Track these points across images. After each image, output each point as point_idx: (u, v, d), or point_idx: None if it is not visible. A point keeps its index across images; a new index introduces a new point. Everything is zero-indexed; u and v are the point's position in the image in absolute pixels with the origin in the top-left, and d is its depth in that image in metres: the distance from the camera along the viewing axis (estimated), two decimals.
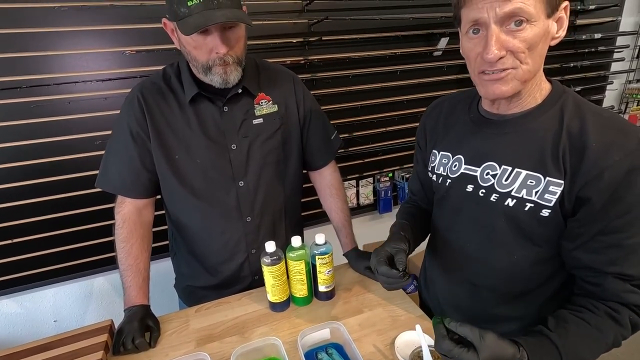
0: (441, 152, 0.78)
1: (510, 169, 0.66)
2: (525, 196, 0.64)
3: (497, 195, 0.67)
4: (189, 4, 0.74)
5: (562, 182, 0.60)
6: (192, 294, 1.05)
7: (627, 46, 2.02)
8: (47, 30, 1.18)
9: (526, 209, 0.64)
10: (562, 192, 0.60)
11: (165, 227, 1.06)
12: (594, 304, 0.61)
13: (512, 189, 0.65)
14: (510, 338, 0.56)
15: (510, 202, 0.65)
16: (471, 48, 0.61)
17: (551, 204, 0.61)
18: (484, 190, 0.69)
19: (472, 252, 0.74)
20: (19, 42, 1.17)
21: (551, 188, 0.61)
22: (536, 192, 0.63)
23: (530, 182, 0.63)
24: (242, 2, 0.81)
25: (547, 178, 0.61)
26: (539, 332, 0.60)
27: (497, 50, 0.56)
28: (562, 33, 0.60)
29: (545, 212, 0.62)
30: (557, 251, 0.66)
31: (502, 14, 0.55)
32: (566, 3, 0.59)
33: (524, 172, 0.64)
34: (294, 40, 1.44)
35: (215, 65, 0.81)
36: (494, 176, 0.68)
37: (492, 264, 0.72)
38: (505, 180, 0.66)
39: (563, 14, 0.59)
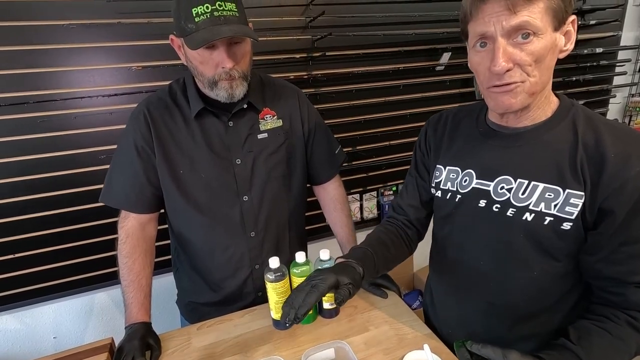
0: (448, 167, 0.77)
1: (526, 182, 0.65)
2: (544, 210, 0.62)
3: (514, 210, 0.66)
4: (196, 20, 0.75)
5: (582, 193, 0.59)
6: (194, 310, 1.03)
7: (628, 60, 2.04)
8: (55, 47, 1.21)
9: (545, 222, 0.63)
10: (584, 204, 0.59)
11: (168, 241, 1.05)
12: (614, 313, 0.60)
13: (530, 203, 0.64)
14: (533, 354, 0.55)
15: (528, 216, 0.64)
16: (479, 62, 0.62)
17: (573, 217, 0.60)
18: (498, 205, 0.68)
19: (487, 270, 0.72)
20: (28, 58, 1.19)
21: (572, 200, 0.60)
22: (555, 205, 0.62)
23: (549, 195, 0.62)
24: (247, 19, 0.83)
25: (567, 190, 0.61)
26: (562, 346, 0.58)
27: (504, 62, 0.57)
28: (570, 46, 0.61)
29: (566, 225, 0.61)
30: (576, 264, 0.65)
31: (508, 27, 0.56)
32: (573, 17, 0.59)
33: (541, 185, 0.63)
34: (298, 56, 1.46)
35: (221, 79, 0.82)
36: (509, 190, 0.66)
37: (509, 281, 0.70)
38: (522, 194, 0.65)
39: (570, 27, 0.60)
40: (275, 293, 0.84)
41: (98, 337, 1.50)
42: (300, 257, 0.85)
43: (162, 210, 0.97)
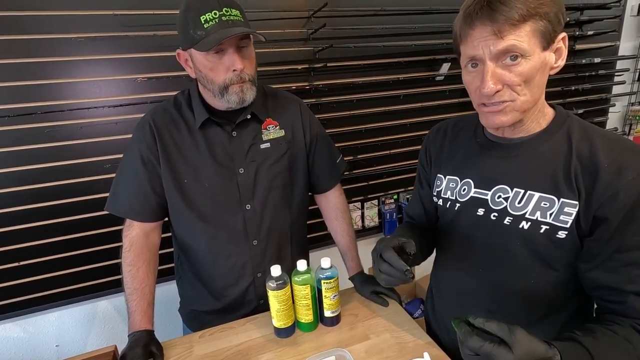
0: (447, 176, 0.79)
1: (522, 191, 0.66)
2: (540, 218, 0.64)
3: (511, 219, 0.67)
4: (205, 27, 0.78)
5: (576, 202, 0.61)
6: (196, 318, 1.04)
7: (627, 69, 2.05)
8: (63, 60, 1.23)
9: (542, 231, 0.64)
10: (578, 212, 0.61)
11: (171, 249, 1.06)
12: (619, 318, 0.61)
13: (526, 212, 0.65)
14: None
15: (525, 224, 0.65)
16: (470, 81, 0.64)
17: (567, 225, 0.62)
18: (495, 214, 0.69)
19: (486, 278, 0.73)
20: (36, 70, 1.22)
21: (566, 209, 0.62)
22: (551, 214, 0.63)
23: (544, 204, 0.64)
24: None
25: (562, 199, 0.62)
26: (569, 338, 0.58)
27: (492, 84, 0.59)
28: (562, 63, 0.62)
29: (561, 234, 0.62)
30: (574, 273, 0.66)
31: (495, 51, 0.58)
32: (564, 34, 0.61)
33: (537, 195, 0.64)
34: (300, 67, 1.49)
35: (232, 84, 0.84)
36: (506, 199, 0.68)
37: (508, 289, 0.71)
38: (518, 203, 0.66)
39: (561, 44, 0.61)
40: (277, 301, 0.84)
41: (101, 345, 1.50)
42: (301, 265, 0.86)
43: (166, 219, 0.99)
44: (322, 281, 0.86)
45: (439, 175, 0.81)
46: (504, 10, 0.55)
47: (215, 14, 0.78)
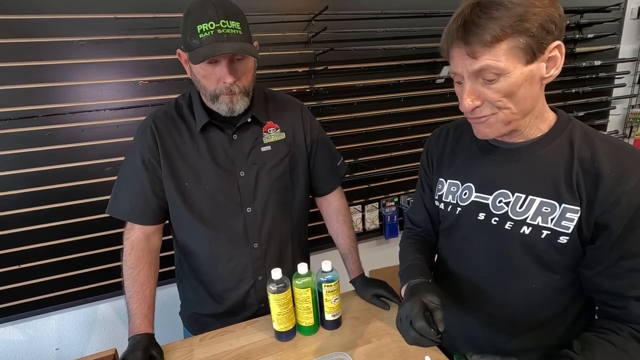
0: (449, 180, 0.78)
1: (524, 196, 0.66)
2: (541, 223, 0.64)
3: (512, 223, 0.67)
4: (200, 37, 0.78)
5: (578, 208, 0.60)
6: (197, 321, 1.04)
7: (627, 72, 2.06)
8: (65, 63, 1.24)
9: (543, 236, 0.64)
10: (580, 218, 0.60)
11: (172, 252, 1.06)
12: (617, 326, 0.61)
13: (527, 217, 0.65)
14: None
15: (526, 229, 0.65)
16: (459, 94, 0.65)
17: (569, 231, 0.61)
18: (497, 219, 0.69)
19: (487, 282, 0.73)
20: (37, 73, 1.22)
21: (568, 215, 0.61)
22: (552, 219, 0.63)
23: (546, 209, 0.63)
24: (253, 36, 0.85)
25: (563, 205, 0.62)
26: (564, 356, 0.59)
27: (470, 102, 0.60)
28: (556, 72, 0.59)
29: (563, 239, 0.62)
30: (575, 278, 0.66)
31: (472, 70, 0.58)
32: (557, 43, 0.57)
33: (538, 200, 0.64)
34: (301, 70, 1.49)
35: (222, 94, 0.84)
36: (507, 204, 0.68)
37: (509, 293, 0.71)
38: (520, 207, 0.66)
39: (556, 53, 0.58)
40: (278, 304, 0.84)
41: (101, 348, 1.50)
42: (302, 268, 0.86)
43: (167, 222, 0.98)
44: (323, 284, 0.86)
45: (440, 179, 0.81)
46: (477, 33, 0.55)
47: (211, 25, 0.77)
